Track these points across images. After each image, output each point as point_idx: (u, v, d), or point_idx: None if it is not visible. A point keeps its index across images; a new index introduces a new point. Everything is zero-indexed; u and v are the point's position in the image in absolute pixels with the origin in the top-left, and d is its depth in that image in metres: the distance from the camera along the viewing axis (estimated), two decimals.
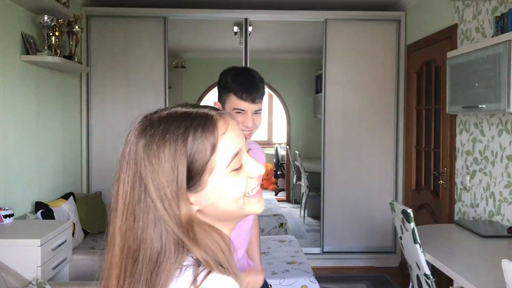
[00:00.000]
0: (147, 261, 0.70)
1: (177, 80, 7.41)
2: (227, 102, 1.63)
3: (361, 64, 4.70)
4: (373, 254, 4.78)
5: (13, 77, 3.02)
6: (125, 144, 0.76)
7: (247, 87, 1.60)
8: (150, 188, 0.72)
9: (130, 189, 0.74)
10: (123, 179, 0.75)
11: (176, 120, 0.77)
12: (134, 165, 0.74)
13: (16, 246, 2.42)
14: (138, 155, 0.74)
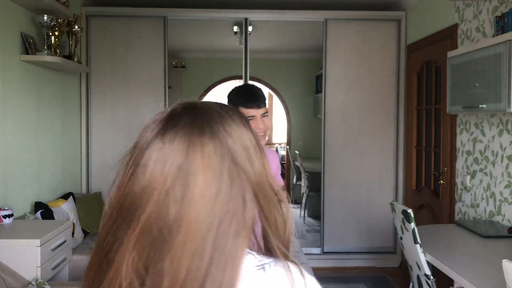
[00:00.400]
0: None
1: (177, 80, 7.41)
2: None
3: (361, 64, 4.69)
4: (373, 254, 4.77)
5: (12, 77, 3.02)
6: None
7: (250, 97, 1.96)
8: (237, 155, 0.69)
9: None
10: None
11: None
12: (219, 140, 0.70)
13: (15, 246, 2.42)
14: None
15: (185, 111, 0.73)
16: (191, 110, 0.73)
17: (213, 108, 0.75)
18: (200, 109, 0.74)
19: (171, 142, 0.68)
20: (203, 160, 0.66)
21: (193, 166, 0.66)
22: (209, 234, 0.64)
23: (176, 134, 0.69)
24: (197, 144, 0.67)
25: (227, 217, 0.66)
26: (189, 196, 0.65)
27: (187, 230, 0.63)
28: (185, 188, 0.65)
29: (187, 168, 0.66)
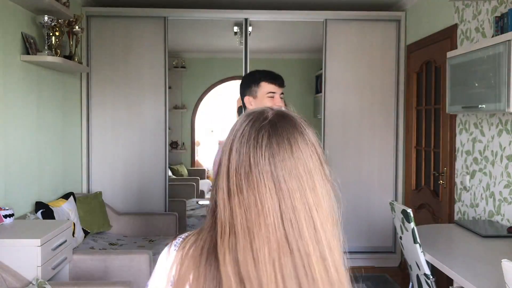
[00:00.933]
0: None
1: (177, 80, 7.41)
2: (260, 90, 2.18)
3: (361, 64, 4.70)
4: (373, 254, 4.78)
5: (13, 77, 3.03)
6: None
7: (274, 75, 2.20)
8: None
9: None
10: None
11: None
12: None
13: (16, 246, 2.42)
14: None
15: (279, 118, 0.78)
16: (283, 116, 0.79)
17: (290, 112, 0.82)
18: (288, 114, 0.80)
19: (291, 153, 0.75)
20: (312, 164, 0.77)
21: (311, 173, 0.77)
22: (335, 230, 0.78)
23: (291, 144, 0.75)
24: (305, 151, 0.77)
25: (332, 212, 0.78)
26: (317, 199, 0.76)
27: (324, 231, 0.76)
28: (314, 192, 0.76)
29: (308, 176, 0.76)
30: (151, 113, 4.60)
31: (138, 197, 4.60)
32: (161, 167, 4.62)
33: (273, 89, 2.16)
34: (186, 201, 5.54)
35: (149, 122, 4.60)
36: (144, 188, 4.61)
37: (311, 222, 0.74)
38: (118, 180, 4.58)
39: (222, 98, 9.04)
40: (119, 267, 2.98)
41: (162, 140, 4.62)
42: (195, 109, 7.72)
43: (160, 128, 4.61)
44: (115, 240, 3.94)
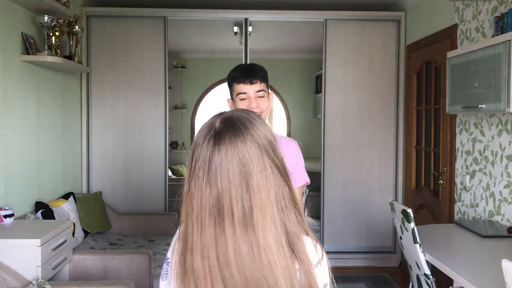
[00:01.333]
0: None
1: (177, 80, 7.41)
2: (233, 91, 1.85)
3: (361, 64, 4.70)
4: (373, 254, 4.78)
5: (13, 77, 3.03)
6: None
7: (243, 71, 1.82)
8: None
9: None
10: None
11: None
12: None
13: (16, 246, 2.42)
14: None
15: (225, 126, 0.94)
16: (229, 124, 0.94)
17: (242, 116, 0.97)
18: (235, 121, 0.95)
19: (225, 156, 0.91)
20: (251, 163, 0.91)
21: (247, 171, 0.90)
22: (274, 210, 0.91)
23: (227, 150, 0.91)
24: (244, 152, 0.91)
25: (279, 195, 0.93)
26: (251, 190, 0.90)
27: (261, 213, 0.90)
28: (247, 186, 0.90)
29: (244, 172, 0.90)
30: (151, 113, 4.60)
31: (138, 197, 4.60)
32: (161, 167, 4.62)
33: (242, 89, 1.80)
34: None
35: (149, 122, 4.60)
36: (144, 188, 4.61)
37: (241, 208, 0.90)
38: (118, 180, 4.58)
39: (222, 98, 9.05)
40: (119, 267, 2.98)
41: (162, 140, 4.62)
42: (195, 109, 7.72)
43: (160, 128, 4.61)
44: (115, 240, 3.94)
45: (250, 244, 0.89)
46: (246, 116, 0.97)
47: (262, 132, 0.95)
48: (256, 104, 1.80)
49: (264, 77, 1.85)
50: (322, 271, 0.97)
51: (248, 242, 0.89)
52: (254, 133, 0.94)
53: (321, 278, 0.96)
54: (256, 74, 1.82)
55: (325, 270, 0.98)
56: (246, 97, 1.81)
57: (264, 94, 1.84)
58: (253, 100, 1.80)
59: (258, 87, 1.81)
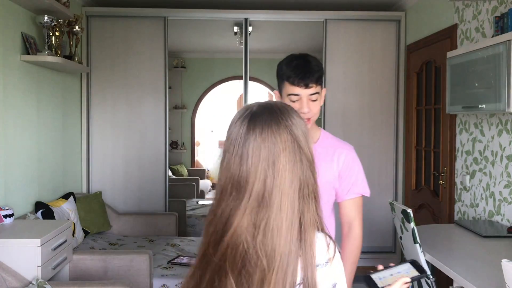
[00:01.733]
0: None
1: (177, 80, 7.41)
2: (283, 89, 1.69)
3: (361, 64, 4.70)
4: (373, 253, 4.77)
5: (13, 77, 3.03)
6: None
7: (299, 72, 1.62)
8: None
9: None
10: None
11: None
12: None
13: (16, 246, 2.42)
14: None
15: (262, 109, 1.00)
16: (266, 108, 1.00)
17: (280, 105, 1.02)
18: (273, 107, 1.00)
19: (260, 135, 0.95)
20: (281, 145, 0.95)
21: (276, 151, 0.95)
22: (295, 196, 0.94)
23: (262, 129, 0.96)
24: (276, 135, 0.95)
25: (304, 183, 0.96)
26: (277, 170, 0.94)
27: (281, 194, 0.93)
28: (273, 165, 0.94)
29: (273, 153, 0.95)
30: (151, 113, 4.60)
31: (138, 197, 4.61)
32: (161, 167, 4.62)
33: (295, 91, 1.63)
34: (186, 201, 5.54)
35: (149, 122, 4.60)
36: (144, 188, 4.61)
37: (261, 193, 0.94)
38: (118, 180, 4.58)
39: (222, 98, 9.04)
40: (119, 267, 2.98)
41: (162, 140, 4.62)
42: (195, 109, 7.72)
43: (160, 128, 4.61)
44: (115, 240, 3.94)
45: (256, 221, 0.92)
46: (284, 106, 1.02)
47: (297, 122, 0.99)
48: (308, 108, 1.63)
49: (321, 77, 1.65)
50: (332, 270, 0.96)
51: (255, 219, 0.92)
52: (289, 121, 0.98)
53: (328, 277, 0.96)
54: (314, 75, 1.62)
55: (336, 270, 0.97)
56: (298, 99, 1.64)
57: (318, 97, 1.66)
58: (305, 104, 1.63)
59: (313, 91, 1.63)
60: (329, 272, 0.95)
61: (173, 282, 3.18)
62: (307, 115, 1.65)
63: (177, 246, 3.94)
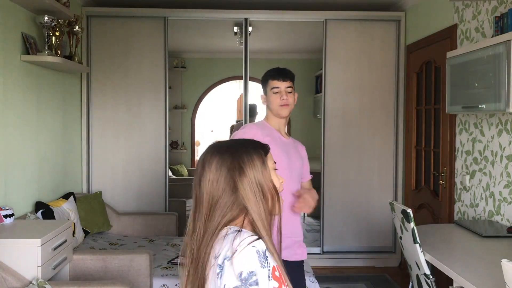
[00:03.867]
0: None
1: (177, 80, 7.41)
2: (268, 86, 2.32)
3: (361, 64, 4.70)
4: (373, 254, 4.78)
5: (13, 77, 3.03)
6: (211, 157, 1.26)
7: (280, 71, 2.32)
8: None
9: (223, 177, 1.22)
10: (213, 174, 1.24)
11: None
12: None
13: (16, 246, 2.42)
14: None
15: (216, 151, 1.26)
16: (219, 150, 1.26)
17: (234, 147, 1.27)
18: (224, 149, 1.26)
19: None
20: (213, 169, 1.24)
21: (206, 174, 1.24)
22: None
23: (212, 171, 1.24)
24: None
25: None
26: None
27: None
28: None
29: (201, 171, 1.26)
30: (151, 113, 4.60)
31: (138, 197, 4.61)
32: (161, 167, 4.62)
33: (276, 84, 2.28)
34: (186, 201, 5.54)
35: (149, 122, 4.60)
36: (144, 188, 4.61)
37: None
38: (118, 180, 4.58)
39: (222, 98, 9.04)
40: (119, 267, 2.98)
41: (162, 140, 4.62)
42: (195, 109, 7.72)
43: (160, 128, 4.61)
44: (115, 240, 3.94)
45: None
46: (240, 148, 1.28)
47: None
48: (286, 96, 2.27)
49: (293, 77, 2.33)
50: (232, 265, 1.10)
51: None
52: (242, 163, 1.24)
53: (232, 270, 1.10)
54: (287, 74, 2.31)
55: (236, 265, 1.09)
56: (279, 91, 2.27)
57: (292, 91, 2.31)
58: (284, 94, 2.27)
59: (288, 84, 2.29)
60: (230, 266, 1.10)
61: (173, 282, 3.18)
62: (285, 102, 2.26)
63: (177, 246, 3.94)
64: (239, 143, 1.29)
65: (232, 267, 1.09)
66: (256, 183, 1.20)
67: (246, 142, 1.30)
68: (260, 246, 1.12)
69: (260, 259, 1.10)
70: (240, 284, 1.08)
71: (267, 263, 1.10)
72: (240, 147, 1.25)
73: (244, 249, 1.10)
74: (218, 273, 1.12)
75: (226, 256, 1.11)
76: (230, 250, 1.11)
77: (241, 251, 1.10)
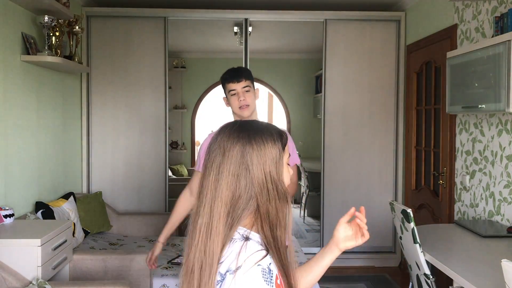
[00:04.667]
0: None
1: (177, 80, 7.41)
2: (225, 90, 2.27)
3: (361, 64, 4.70)
4: (372, 253, 4.78)
5: (13, 77, 3.03)
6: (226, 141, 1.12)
7: (231, 72, 2.26)
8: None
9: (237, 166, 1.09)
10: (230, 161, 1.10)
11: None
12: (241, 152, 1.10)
13: (16, 246, 2.42)
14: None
15: (237, 129, 1.14)
16: (240, 128, 1.13)
17: (255, 127, 1.14)
18: (245, 129, 1.13)
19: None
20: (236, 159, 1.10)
21: (225, 164, 1.10)
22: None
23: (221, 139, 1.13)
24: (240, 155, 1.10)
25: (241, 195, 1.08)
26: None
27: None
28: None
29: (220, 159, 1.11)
30: (151, 113, 4.60)
31: (138, 197, 4.61)
32: (161, 167, 4.62)
33: (231, 86, 2.22)
34: None
35: (149, 122, 4.60)
36: (144, 188, 4.61)
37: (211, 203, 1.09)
38: (118, 180, 4.58)
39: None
40: (119, 267, 2.98)
41: (162, 140, 4.62)
42: (195, 109, 7.73)
43: (160, 128, 4.61)
44: (115, 240, 3.94)
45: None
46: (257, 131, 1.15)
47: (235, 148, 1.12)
48: (243, 97, 2.20)
49: (248, 75, 2.26)
50: (235, 282, 1.01)
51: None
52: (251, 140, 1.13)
53: (234, 287, 1.01)
54: (241, 74, 2.24)
55: (239, 283, 1.00)
56: (235, 93, 2.22)
57: (250, 89, 2.24)
58: (241, 95, 2.20)
59: (244, 84, 2.22)
60: (231, 281, 1.01)
61: (173, 282, 3.18)
62: (244, 103, 2.21)
63: (177, 246, 3.94)
64: (262, 129, 1.13)
65: (235, 284, 1.01)
66: (271, 178, 1.09)
67: (269, 129, 1.15)
68: (265, 263, 1.04)
69: (265, 276, 1.03)
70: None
71: (271, 278, 1.03)
72: (263, 136, 1.11)
73: (250, 269, 1.02)
74: (217, 281, 1.05)
75: (229, 269, 1.03)
76: (234, 264, 1.03)
77: (246, 270, 1.01)
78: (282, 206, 1.10)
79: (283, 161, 1.13)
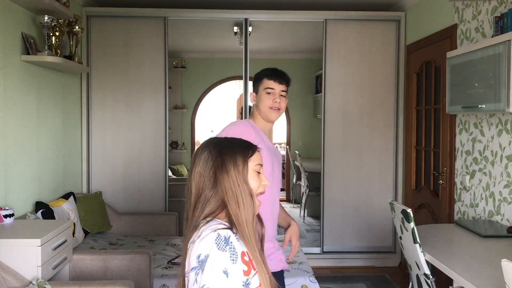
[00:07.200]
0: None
1: (177, 80, 7.41)
2: (261, 85, 2.17)
3: (361, 64, 4.70)
4: (373, 253, 4.78)
5: (13, 77, 3.03)
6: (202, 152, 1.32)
7: (278, 72, 2.17)
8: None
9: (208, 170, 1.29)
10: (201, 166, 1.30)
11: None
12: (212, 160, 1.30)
13: (16, 246, 2.42)
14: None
15: (207, 146, 1.34)
16: (211, 145, 1.33)
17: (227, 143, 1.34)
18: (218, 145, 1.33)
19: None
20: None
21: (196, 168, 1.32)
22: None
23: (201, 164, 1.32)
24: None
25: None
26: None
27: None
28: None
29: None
30: (151, 113, 4.60)
31: (138, 197, 4.61)
32: (161, 167, 4.62)
33: (271, 85, 2.13)
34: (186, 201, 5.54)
35: (149, 122, 4.60)
36: (144, 188, 4.61)
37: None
38: (118, 180, 4.58)
39: (222, 98, 9.04)
40: (119, 267, 2.98)
41: (162, 140, 4.62)
42: (195, 109, 7.72)
43: (160, 128, 4.61)
44: (115, 240, 3.94)
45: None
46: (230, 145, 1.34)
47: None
48: (279, 100, 2.13)
49: (289, 82, 2.21)
50: (194, 247, 1.19)
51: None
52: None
53: (194, 252, 1.18)
54: (285, 77, 2.18)
55: (196, 247, 1.18)
56: (272, 92, 2.13)
57: (286, 95, 2.18)
58: (278, 96, 2.13)
59: (283, 87, 2.16)
60: (193, 249, 1.19)
61: (173, 282, 3.18)
62: (277, 105, 2.12)
63: (177, 246, 3.94)
64: (228, 141, 1.34)
65: (194, 250, 1.17)
66: (235, 181, 1.25)
67: (235, 141, 1.35)
68: (224, 233, 1.17)
69: (219, 242, 1.15)
70: (198, 266, 1.16)
71: (228, 247, 1.15)
72: (227, 145, 1.31)
73: (207, 235, 1.17)
74: (187, 256, 1.21)
75: (193, 241, 1.20)
76: (196, 235, 1.20)
77: (204, 236, 1.17)
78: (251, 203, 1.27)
79: (247, 167, 1.29)
